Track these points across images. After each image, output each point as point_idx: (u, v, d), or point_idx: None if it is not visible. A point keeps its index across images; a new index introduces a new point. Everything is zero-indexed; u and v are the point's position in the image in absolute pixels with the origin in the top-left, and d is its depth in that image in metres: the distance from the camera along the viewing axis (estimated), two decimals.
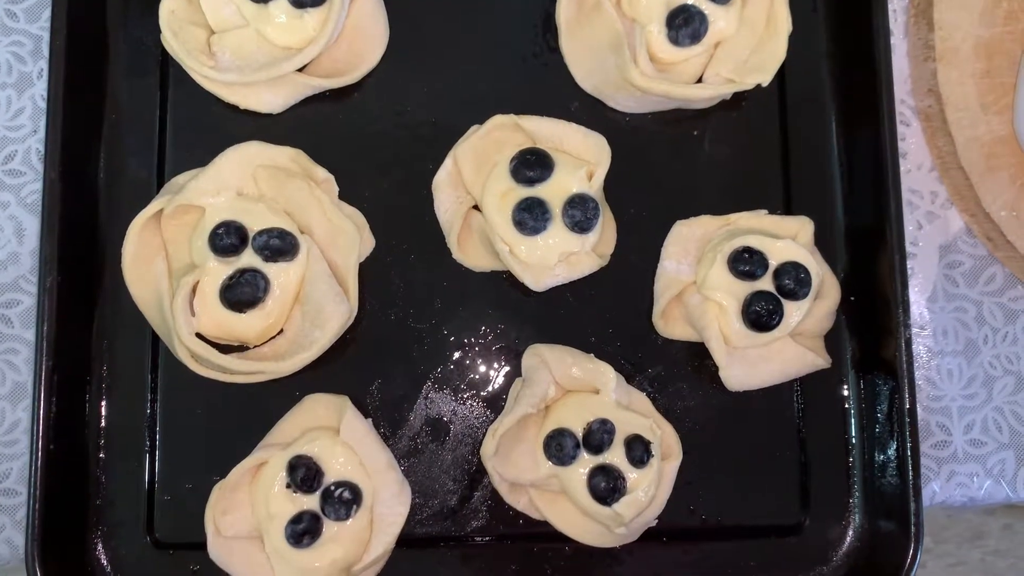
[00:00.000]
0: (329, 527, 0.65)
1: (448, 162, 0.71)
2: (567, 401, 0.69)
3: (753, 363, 0.69)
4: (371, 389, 0.71)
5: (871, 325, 0.72)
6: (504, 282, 0.72)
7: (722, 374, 0.69)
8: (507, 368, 0.72)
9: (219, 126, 0.72)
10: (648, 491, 0.67)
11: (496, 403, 0.72)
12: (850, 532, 0.72)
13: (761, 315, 0.66)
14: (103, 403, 0.70)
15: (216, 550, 0.66)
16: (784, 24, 0.71)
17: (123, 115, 0.73)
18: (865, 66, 0.72)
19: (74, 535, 0.69)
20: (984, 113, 0.73)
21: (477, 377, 0.72)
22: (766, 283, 0.68)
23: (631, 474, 0.67)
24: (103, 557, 0.69)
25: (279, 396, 0.70)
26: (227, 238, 0.66)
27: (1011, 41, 0.74)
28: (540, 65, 0.75)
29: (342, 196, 0.71)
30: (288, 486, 0.65)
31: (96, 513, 0.69)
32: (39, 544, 0.65)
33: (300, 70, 0.70)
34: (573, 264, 0.69)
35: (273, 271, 0.67)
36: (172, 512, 0.70)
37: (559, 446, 0.67)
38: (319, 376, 0.70)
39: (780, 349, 0.69)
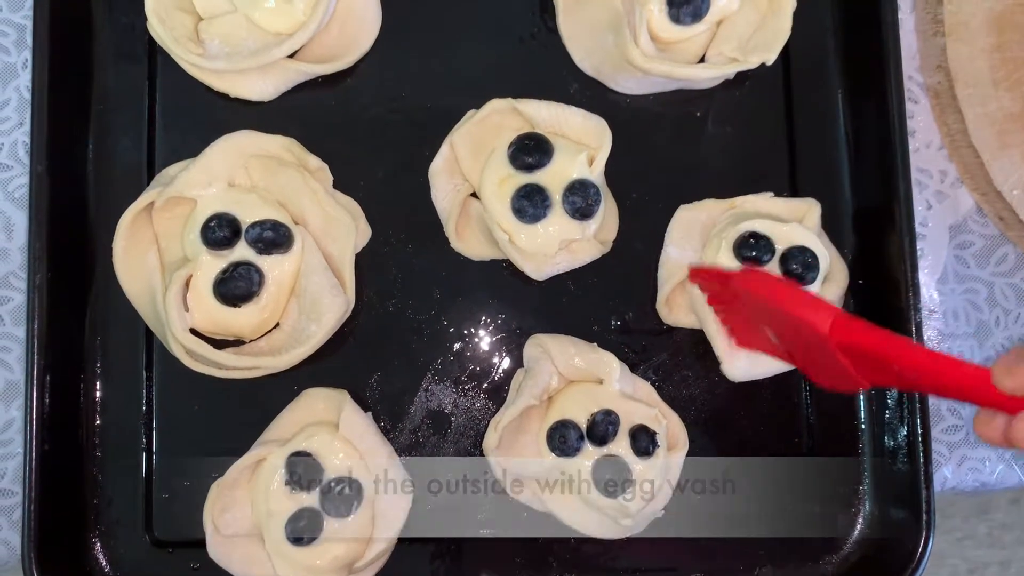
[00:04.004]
0: (330, 524, 0.64)
1: (444, 149, 0.69)
2: (570, 392, 0.68)
3: (756, 353, 0.67)
4: (370, 382, 0.70)
5: (880, 308, 0.70)
6: (504, 271, 0.70)
7: (724, 367, 0.67)
8: (508, 359, 0.71)
9: (209, 115, 0.70)
10: (654, 482, 0.65)
11: (498, 394, 0.70)
12: (860, 519, 0.71)
13: None
14: (98, 400, 0.69)
15: (215, 549, 0.65)
16: (788, 0, 0.69)
17: (111, 105, 0.71)
18: (872, 42, 0.71)
19: (72, 535, 0.68)
20: (995, 89, 0.71)
21: (478, 368, 0.70)
22: (773, 268, 0.66)
23: (636, 465, 0.65)
24: (102, 557, 0.68)
25: (277, 391, 0.68)
26: (219, 231, 0.65)
27: (1023, 14, 0.72)
28: (538, 46, 0.73)
29: (336, 185, 0.70)
30: (287, 483, 0.64)
31: (94, 512, 0.68)
32: (36, 545, 0.64)
33: (291, 56, 0.68)
34: (574, 252, 0.68)
35: (267, 264, 0.66)
36: (171, 510, 0.69)
37: (563, 438, 0.65)
38: (317, 370, 0.69)
39: None
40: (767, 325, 0.61)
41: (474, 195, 0.69)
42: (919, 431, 0.67)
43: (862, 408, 0.72)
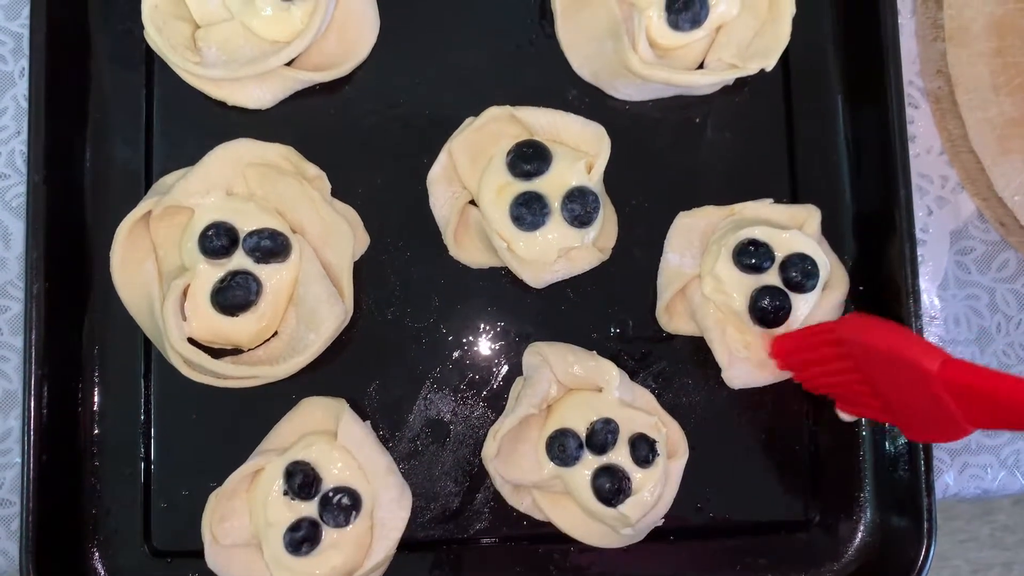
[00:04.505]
0: (328, 534, 0.64)
1: (443, 156, 0.69)
2: (569, 400, 0.67)
3: (757, 362, 0.67)
4: (369, 391, 0.70)
5: (881, 315, 0.70)
6: (503, 279, 0.70)
7: (725, 375, 0.67)
8: (507, 367, 0.70)
9: (207, 123, 0.70)
10: (654, 491, 0.65)
11: (497, 402, 0.70)
12: (861, 528, 0.71)
13: (768, 311, 0.65)
14: (96, 410, 0.69)
15: (214, 559, 0.65)
16: (787, 6, 0.69)
17: (108, 114, 0.71)
18: (872, 47, 0.70)
19: (70, 545, 0.67)
20: (996, 94, 0.71)
21: (477, 377, 0.70)
22: (772, 276, 0.66)
23: (636, 474, 0.65)
24: (100, 566, 0.68)
25: (275, 400, 0.68)
26: (217, 240, 0.65)
27: (1023, 18, 0.72)
28: (536, 53, 0.72)
29: (335, 193, 0.69)
30: (286, 493, 0.64)
31: (92, 522, 0.68)
32: (34, 555, 0.64)
33: (289, 64, 0.68)
34: (573, 259, 0.68)
35: (265, 273, 0.66)
36: (169, 520, 0.68)
37: (562, 447, 0.65)
38: (315, 379, 0.68)
39: None
40: (865, 375, 0.60)
41: (472, 203, 0.69)
42: None
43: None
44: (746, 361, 0.67)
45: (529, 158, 0.66)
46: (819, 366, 0.64)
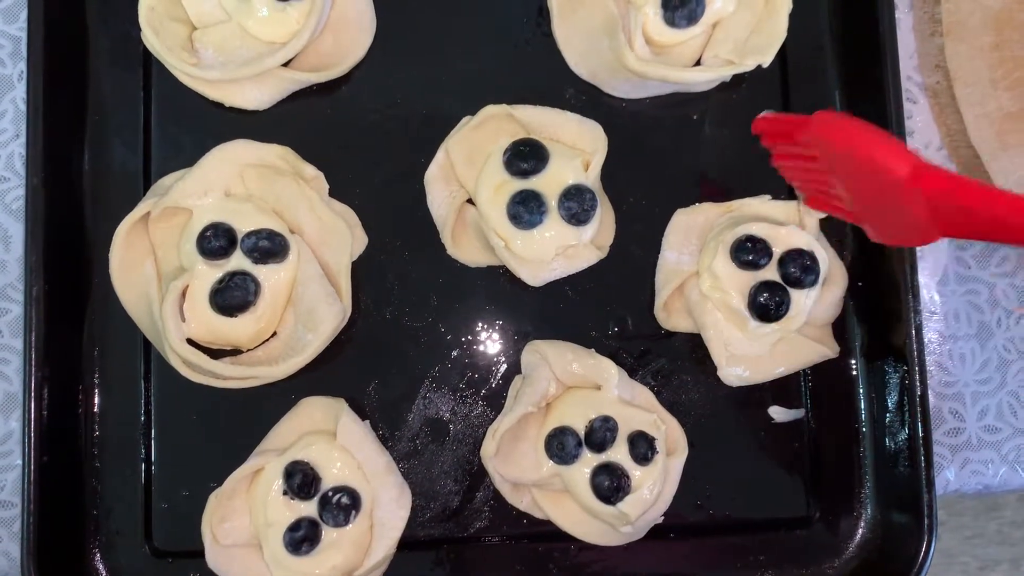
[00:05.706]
0: (328, 533, 0.64)
1: (440, 155, 0.69)
2: (568, 398, 0.67)
3: (754, 359, 0.67)
4: (368, 390, 0.70)
5: (880, 311, 0.70)
6: (501, 277, 0.70)
7: (720, 373, 0.67)
8: (506, 365, 0.70)
9: (205, 124, 0.70)
10: (653, 488, 0.65)
11: (496, 401, 0.70)
12: (862, 524, 0.70)
13: (767, 307, 0.64)
14: (96, 411, 0.69)
15: (214, 559, 0.65)
16: (784, 2, 0.69)
17: (106, 116, 0.71)
18: (869, 42, 0.70)
19: (71, 545, 0.68)
20: (994, 89, 0.71)
21: (476, 375, 0.70)
22: (771, 272, 0.66)
23: (635, 471, 0.65)
24: (101, 567, 0.68)
25: (274, 400, 0.68)
26: (215, 240, 0.65)
27: (1022, 12, 0.71)
28: (533, 52, 0.72)
29: (332, 193, 0.70)
30: (285, 493, 0.64)
31: (93, 523, 0.69)
32: (35, 556, 0.64)
33: (285, 64, 0.68)
34: (571, 257, 0.68)
35: (264, 273, 0.66)
36: (170, 520, 0.69)
37: (560, 445, 0.65)
38: (315, 379, 0.68)
39: (784, 341, 0.67)
40: (835, 174, 0.58)
41: (470, 201, 0.69)
42: (920, 434, 0.67)
43: (863, 412, 0.71)
44: (742, 359, 0.67)
45: (526, 156, 0.66)
46: (794, 157, 0.62)
